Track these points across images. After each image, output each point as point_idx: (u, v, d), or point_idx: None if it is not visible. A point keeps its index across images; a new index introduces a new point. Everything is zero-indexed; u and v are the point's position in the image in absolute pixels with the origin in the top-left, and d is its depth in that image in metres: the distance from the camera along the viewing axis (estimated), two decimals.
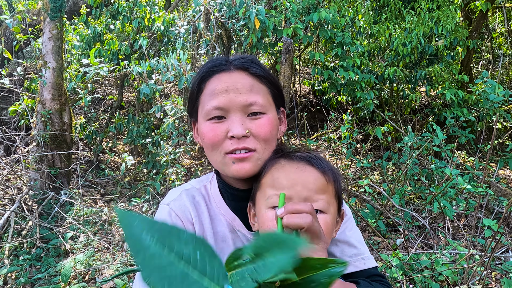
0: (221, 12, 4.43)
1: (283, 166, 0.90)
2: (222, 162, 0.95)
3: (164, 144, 4.58)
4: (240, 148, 0.92)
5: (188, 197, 1.04)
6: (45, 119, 4.59)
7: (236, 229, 1.01)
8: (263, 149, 0.94)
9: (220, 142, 0.93)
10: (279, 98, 1.03)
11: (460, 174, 3.23)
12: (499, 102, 3.20)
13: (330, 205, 0.87)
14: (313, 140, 6.35)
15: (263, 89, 0.97)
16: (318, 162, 0.90)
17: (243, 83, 0.94)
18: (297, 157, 0.92)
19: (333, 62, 5.76)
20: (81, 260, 3.20)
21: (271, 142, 0.97)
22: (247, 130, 0.92)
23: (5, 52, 4.39)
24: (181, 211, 1.01)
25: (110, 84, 8.27)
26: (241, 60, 0.98)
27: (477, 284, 2.54)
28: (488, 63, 8.23)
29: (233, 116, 0.93)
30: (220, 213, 1.03)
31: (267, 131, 0.94)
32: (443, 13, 5.06)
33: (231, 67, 0.97)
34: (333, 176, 0.90)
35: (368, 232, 3.68)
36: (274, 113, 0.99)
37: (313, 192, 0.86)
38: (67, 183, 4.79)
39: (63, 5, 4.55)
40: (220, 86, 0.94)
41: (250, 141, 0.92)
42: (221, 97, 0.93)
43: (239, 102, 0.92)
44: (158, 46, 5.76)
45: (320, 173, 0.88)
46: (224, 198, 1.04)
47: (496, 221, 2.24)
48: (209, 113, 0.94)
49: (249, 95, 0.93)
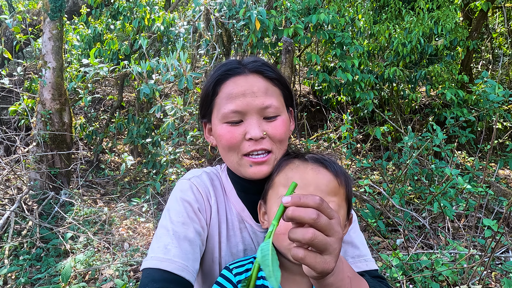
0: (221, 12, 4.43)
1: (297, 166, 0.92)
2: (239, 163, 0.98)
3: (164, 144, 4.58)
4: (258, 150, 0.95)
5: (208, 179, 1.08)
6: (45, 119, 4.59)
7: (244, 219, 1.05)
8: (278, 150, 0.98)
9: (238, 144, 0.96)
10: (289, 99, 1.07)
11: (460, 174, 3.24)
12: (499, 102, 3.20)
13: (340, 208, 0.89)
14: (313, 140, 6.35)
15: (276, 91, 1.01)
16: (331, 165, 0.92)
17: (259, 86, 0.97)
18: (311, 159, 0.94)
19: (333, 62, 5.76)
20: (81, 260, 3.20)
21: (285, 142, 1.01)
22: (264, 132, 0.95)
23: (5, 52, 4.39)
24: (202, 188, 1.04)
25: (110, 84, 8.27)
26: (256, 64, 1.01)
27: (477, 284, 2.54)
28: (488, 63, 8.23)
29: (250, 119, 0.96)
30: (231, 202, 1.06)
31: (282, 132, 0.98)
32: (443, 13, 5.06)
33: (246, 71, 0.99)
34: (345, 179, 0.92)
35: (368, 232, 3.68)
36: (286, 114, 1.03)
37: (325, 193, 0.87)
38: (67, 183, 4.79)
39: (63, 5, 4.55)
40: (237, 89, 0.96)
41: (266, 142, 0.96)
42: (239, 100, 0.95)
43: (256, 105, 0.95)
44: (158, 46, 5.76)
45: (333, 175, 0.90)
46: (235, 187, 1.07)
47: (496, 221, 2.24)
48: (226, 116, 0.96)
49: (265, 98, 0.96)
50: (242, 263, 0.95)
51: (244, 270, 0.93)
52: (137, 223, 4.10)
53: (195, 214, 0.99)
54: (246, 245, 1.04)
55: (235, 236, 1.04)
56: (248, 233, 1.04)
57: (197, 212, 0.99)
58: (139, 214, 4.24)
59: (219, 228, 1.03)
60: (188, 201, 0.99)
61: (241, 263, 0.95)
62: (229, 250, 1.03)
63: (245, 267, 0.94)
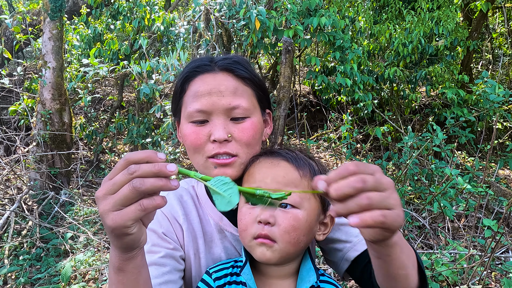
0: (221, 12, 4.43)
1: (259, 162, 0.91)
2: (204, 166, 0.94)
3: (164, 144, 4.58)
4: (222, 153, 0.91)
5: (175, 197, 1.03)
6: (45, 119, 4.59)
7: (223, 228, 1.01)
8: (245, 154, 0.93)
9: (203, 145, 0.92)
10: (265, 100, 1.02)
11: (460, 174, 3.23)
12: (499, 102, 3.20)
13: (304, 201, 0.85)
14: (313, 140, 6.35)
15: (247, 91, 0.95)
16: (293, 157, 0.89)
17: (227, 85, 0.92)
18: (273, 154, 0.92)
19: (333, 62, 5.75)
20: (81, 260, 3.20)
21: (254, 146, 0.95)
22: (229, 134, 0.91)
23: (5, 52, 4.39)
24: (167, 210, 1.00)
25: (110, 84, 8.27)
26: (226, 61, 0.96)
27: (477, 284, 2.54)
28: (488, 63, 8.23)
29: (215, 119, 0.91)
30: (207, 213, 1.02)
31: (249, 135, 0.93)
32: (443, 13, 5.06)
33: (215, 68, 0.95)
34: (311, 171, 0.89)
35: None
36: (259, 116, 0.98)
37: (282, 185, 0.84)
38: (67, 183, 4.79)
39: (63, 5, 4.55)
40: (203, 88, 0.92)
41: (231, 145, 0.91)
42: (204, 99, 0.91)
43: (222, 105, 0.91)
44: (158, 46, 5.76)
45: (293, 167, 0.87)
46: (211, 198, 1.03)
47: (496, 221, 2.24)
48: (191, 115, 0.93)
49: (233, 98, 0.92)
50: (222, 267, 0.94)
51: (223, 275, 0.91)
52: None
53: (162, 239, 0.96)
54: (229, 254, 1.01)
55: (216, 247, 1.01)
56: (230, 242, 1.01)
57: (163, 237, 0.96)
58: None
59: (196, 243, 1.00)
60: (151, 229, 0.96)
61: (222, 267, 0.94)
62: (212, 262, 1.01)
63: (224, 272, 0.92)
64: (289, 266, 0.89)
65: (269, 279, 0.90)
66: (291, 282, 0.89)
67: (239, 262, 0.94)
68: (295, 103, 7.07)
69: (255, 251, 0.84)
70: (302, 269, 0.89)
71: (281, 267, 0.89)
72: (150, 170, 0.59)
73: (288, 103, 3.57)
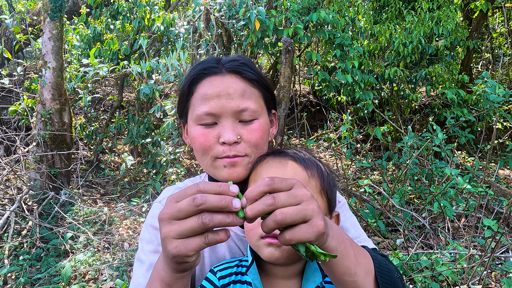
0: (221, 12, 4.43)
1: (267, 162, 0.91)
2: (213, 166, 0.95)
3: (164, 144, 4.58)
4: (231, 156, 0.91)
5: None
6: (45, 119, 4.59)
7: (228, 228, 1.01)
8: (254, 154, 0.94)
9: (212, 147, 0.93)
10: (271, 101, 1.02)
11: (460, 174, 3.23)
12: (499, 102, 3.20)
13: None
14: (313, 140, 6.36)
15: (255, 93, 0.96)
16: (301, 157, 0.90)
17: (235, 88, 0.92)
18: (281, 154, 0.92)
19: (333, 62, 5.76)
20: (81, 260, 3.21)
21: (262, 146, 0.96)
22: (238, 136, 0.91)
23: (5, 52, 4.39)
24: None
25: (110, 84, 8.27)
26: (234, 63, 0.96)
27: (477, 284, 2.54)
28: (488, 63, 8.24)
29: (224, 121, 0.92)
30: None
31: (258, 136, 0.94)
32: (443, 13, 5.06)
33: (223, 70, 0.95)
34: (319, 172, 0.89)
35: (368, 232, 3.67)
36: (266, 117, 0.99)
37: None
38: (67, 183, 4.79)
39: (63, 5, 4.55)
40: (212, 90, 0.92)
41: (241, 147, 0.92)
42: (213, 102, 0.91)
43: (231, 108, 0.91)
44: (158, 46, 5.76)
45: (301, 167, 0.88)
46: None
47: (496, 221, 2.24)
48: (200, 117, 0.93)
49: (241, 101, 0.92)
50: (227, 265, 0.94)
51: (228, 274, 0.92)
52: (137, 223, 4.10)
53: None
54: (233, 254, 1.02)
55: (221, 246, 1.01)
56: (234, 241, 1.01)
57: None
58: (139, 214, 4.24)
59: None
60: (157, 227, 0.95)
61: (226, 265, 0.94)
62: (217, 261, 1.01)
63: (228, 271, 0.92)
64: (295, 266, 0.89)
65: (275, 279, 0.90)
66: (296, 282, 0.89)
67: (244, 261, 0.94)
68: (295, 103, 7.08)
69: (263, 251, 0.84)
70: (307, 269, 0.89)
71: (286, 267, 0.89)
72: (217, 204, 0.59)
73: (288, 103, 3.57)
